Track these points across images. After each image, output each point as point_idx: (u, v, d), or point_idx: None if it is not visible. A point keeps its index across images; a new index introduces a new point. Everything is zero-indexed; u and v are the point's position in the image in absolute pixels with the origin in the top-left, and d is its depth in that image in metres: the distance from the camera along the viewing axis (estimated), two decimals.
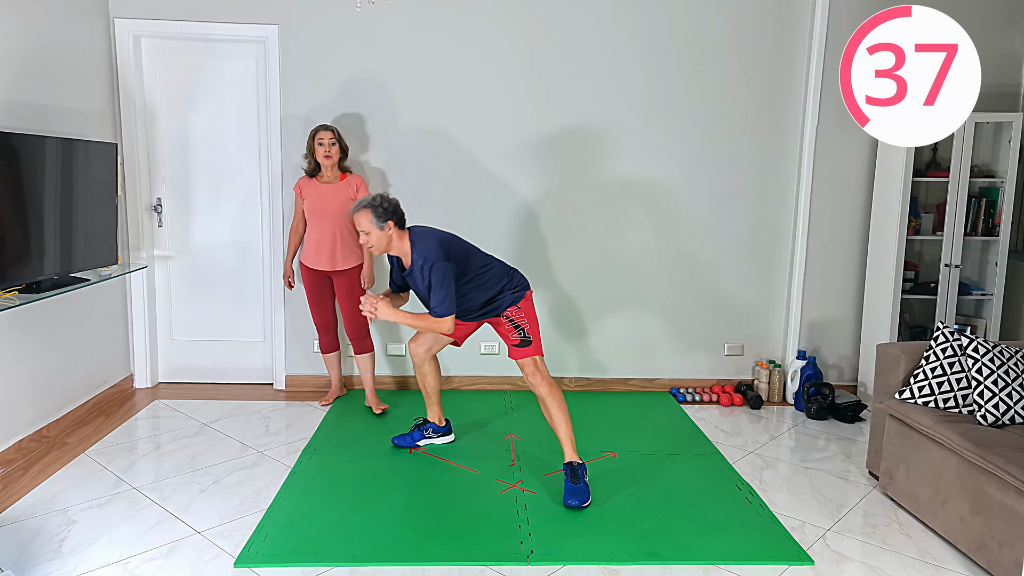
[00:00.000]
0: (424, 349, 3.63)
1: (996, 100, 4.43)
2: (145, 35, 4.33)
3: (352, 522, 2.98)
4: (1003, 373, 3.00)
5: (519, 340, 3.34)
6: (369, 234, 3.18)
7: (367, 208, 3.17)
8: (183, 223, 4.54)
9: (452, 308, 3.16)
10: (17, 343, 3.52)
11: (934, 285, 4.40)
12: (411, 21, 4.32)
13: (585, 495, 3.15)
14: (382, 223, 3.17)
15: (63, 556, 2.70)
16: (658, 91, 4.45)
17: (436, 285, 3.14)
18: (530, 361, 3.32)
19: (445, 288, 3.14)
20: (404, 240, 3.25)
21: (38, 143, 3.31)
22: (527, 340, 3.33)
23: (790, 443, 3.99)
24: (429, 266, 3.16)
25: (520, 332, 3.34)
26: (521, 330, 3.34)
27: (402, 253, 3.27)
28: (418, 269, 3.21)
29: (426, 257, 3.18)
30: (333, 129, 4.05)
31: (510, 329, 3.35)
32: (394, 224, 3.19)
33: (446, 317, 3.16)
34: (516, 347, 3.35)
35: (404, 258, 3.28)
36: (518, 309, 3.36)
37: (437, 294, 3.14)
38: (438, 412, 3.78)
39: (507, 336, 3.37)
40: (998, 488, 2.64)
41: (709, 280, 4.65)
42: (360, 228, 3.19)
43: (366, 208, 3.17)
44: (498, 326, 3.41)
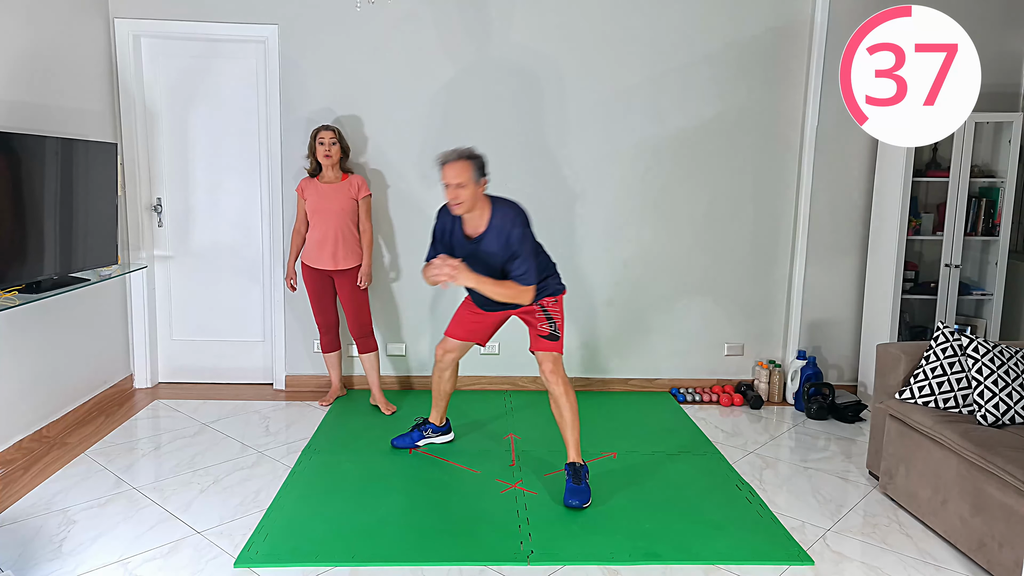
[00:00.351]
0: (453, 356, 3.53)
1: (996, 100, 4.43)
2: (145, 35, 4.33)
3: (352, 522, 2.98)
4: (1003, 373, 3.00)
5: (548, 332, 3.24)
6: (463, 187, 2.94)
7: (467, 160, 2.95)
8: (183, 223, 4.54)
9: (536, 277, 3.02)
10: (17, 343, 3.52)
11: (934, 285, 4.40)
12: (411, 21, 4.32)
13: (586, 496, 3.14)
14: (479, 177, 2.98)
15: (63, 556, 2.70)
16: (658, 91, 4.44)
17: (525, 253, 2.98)
18: (552, 356, 3.23)
19: (530, 256, 2.99)
20: (486, 202, 3.04)
21: (38, 143, 3.31)
22: (555, 334, 3.24)
23: (790, 443, 3.99)
24: (520, 231, 2.99)
25: (551, 324, 3.24)
26: (552, 322, 3.24)
27: (479, 215, 3.05)
28: (502, 234, 3.00)
29: (515, 220, 3.01)
30: (334, 129, 4.05)
31: (542, 319, 3.24)
32: (486, 182, 3.00)
33: (531, 286, 3.01)
34: (542, 339, 3.24)
35: (477, 222, 3.05)
36: (555, 301, 3.26)
37: (525, 261, 2.98)
38: (442, 414, 3.73)
39: (536, 326, 3.26)
40: (998, 488, 2.64)
41: (709, 280, 4.65)
42: (454, 180, 2.94)
43: (465, 160, 2.95)
44: (529, 315, 3.29)
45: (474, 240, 3.09)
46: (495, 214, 3.05)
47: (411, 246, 4.52)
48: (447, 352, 3.53)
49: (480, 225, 3.07)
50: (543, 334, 3.25)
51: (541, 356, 3.25)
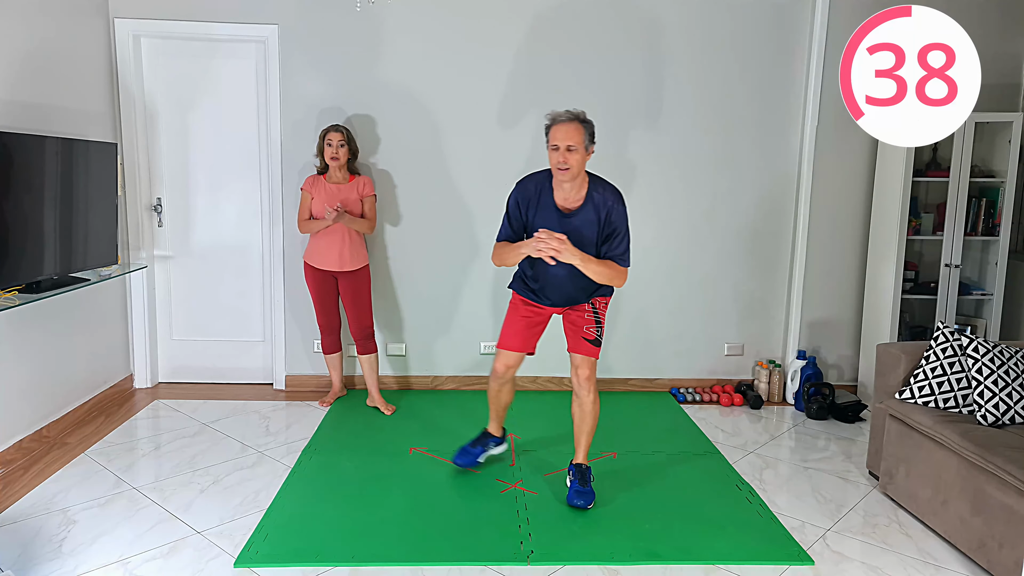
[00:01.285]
0: (513, 370, 3.27)
1: (996, 100, 4.43)
2: (145, 35, 4.32)
3: (352, 522, 2.97)
4: (1003, 373, 3.00)
5: (594, 336, 3.07)
6: (575, 151, 2.76)
7: (580, 122, 2.78)
8: (183, 223, 4.54)
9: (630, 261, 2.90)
10: (17, 343, 3.52)
11: (934, 285, 4.40)
12: (411, 20, 4.32)
13: (591, 497, 3.13)
14: (591, 143, 2.81)
15: (63, 556, 2.70)
16: (658, 90, 4.45)
17: (624, 231, 2.83)
18: (590, 362, 3.08)
19: (629, 235, 2.85)
20: (584, 175, 2.87)
21: (38, 143, 3.31)
22: (599, 339, 3.09)
23: (790, 443, 3.98)
24: (622, 209, 2.82)
25: (598, 328, 3.08)
26: (600, 326, 3.08)
27: (575, 188, 2.87)
28: (601, 210, 2.84)
29: (616, 197, 2.85)
30: (343, 131, 4.03)
31: (590, 321, 3.06)
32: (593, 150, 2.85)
33: (626, 269, 2.88)
34: (587, 342, 3.06)
35: (572, 195, 2.87)
36: (606, 303, 3.11)
37: (624, 241, 2.84)
38: (500, 424, 3.51)
39: (582, 328, 3.07)
40: (998, 488, 2.64)
41: (709, 280, 4.65)
42: (567, 142, 2.74)
43: (579, 122, 2.78)
44: (577, 316, 3.09)
45: (569, 214, 2.88)
46: (594, 187, 2.88)
47: (413, 246, 4.52)
48: (509, 368, 3.25)
49: (577, 199, 2.88)
50: (588, 337, 3.07)
51: (580, 360, 3.09)
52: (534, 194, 2.96)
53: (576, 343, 3.10)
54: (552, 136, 2.82)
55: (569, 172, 2.79)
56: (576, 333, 3.10)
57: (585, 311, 3.10)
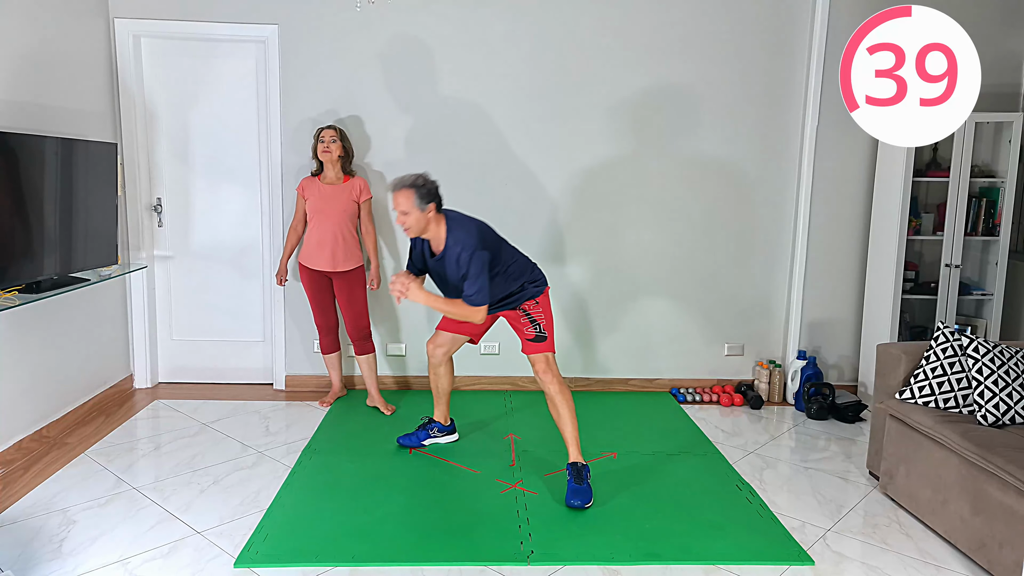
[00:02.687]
0: (443, 351, 3.58)
1: (996, 100, 4.43)
2: (145, 35, 4.32)
3: (352, 522, 2.97)
4: (1003, 373, 3.00)
5: (534, 335, 3.30)
6: (408, 215, 3.06)
7: (410, 188, 3.05)
8: (183, 223, 4.54)
9: (488, 297, 3.08)
10: (17, 343, 3.52)
11: (934, 285, 4.39)
12: (412, 21, 4.32)
13: (588, 496, 3.14)
14: (424, 204, 3.06)
15: (63, 556, 2.70)
16: (658, 91, 4.44)
17: (474, 274, 3.05)
18: (542, 357, 3.29)
19: (483, 277, 3.06)
20: (441, 224, 3.14)
21: (38, 143, 3.31)
22: (542, 336, 3.30)
23: (790, 443, 3.98)
24: (469, 253, 3.06)
25: (536, 327, 3.30)
26: (537, 325, 3.30)
27: (436, 237, 3.16)
28: (453, 255, 3.11)
29: (464, 244, 3.09)
30: (336, 128, 4.06)
31: (526, 323, 3.31)
32: (435, 207, 3.09)
33: (482, 306, 3.08)
34: (530, 342, 3.31)
35: (436, 242, 3.18)
36: (536, 303, 3.32)
37: (474, 283, 3.06)
38: (445, 412, 3.76)
39: (522, 330, 3.33)
40: (998, 488, 2.64)
41: (709, 280, 4.65)
42: (399, 208, 3.07)
43: (408, 188, 3.05)
44: (514, 320, 3.36)
45: (438, 257, 3.21)
46: (450, 235, 3.14)
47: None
48: (437, 347, 3.57)
49: (439, 244, 3.18)
50: (529, 337, 3.31)
51: (532, 358, 3.32)
52: (420, 239, 3.29)
53: (524, 344, 3.35)
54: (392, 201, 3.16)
55: (410, 230, 3.12)
56: (520, 336, 3.36)
57: (520, 318, 3.33)
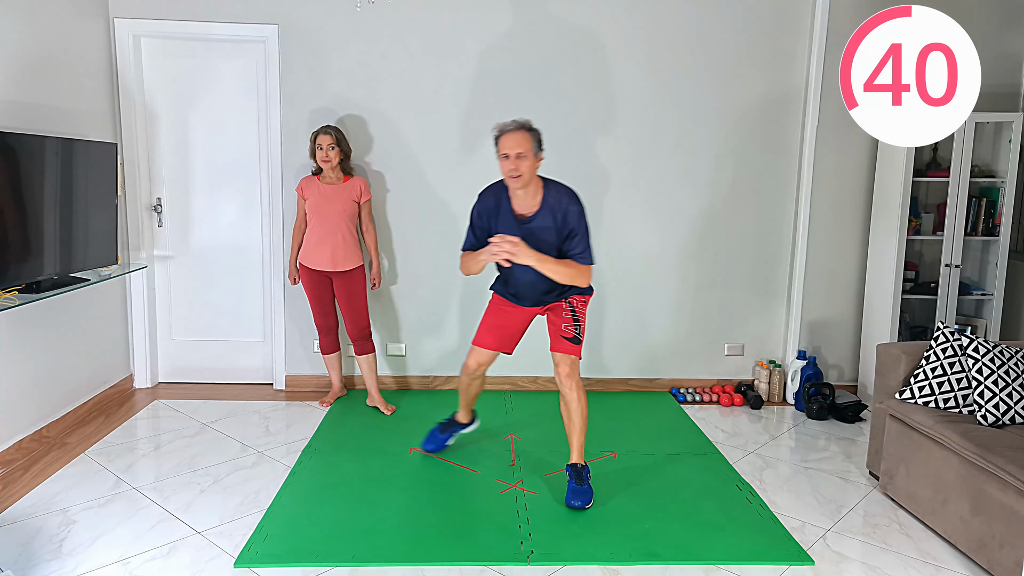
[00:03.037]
0: (485, 367, 3.37)
1: (996, 100, 4.43)
2: (145, 35, 4.32)
3: (352, 522, 2.97)
4: (1003, 373, 3.00)
5: (572, 334, 3.12)
6: (524, 159, 2.86)
7: (528, 130, 2.88)
8: (183, 223, 4.54)
9: (593, 259, 2.94)
10: (17, 343, 3.52)
11: (934, 285, 4.40)
12: (411, 21, 4.32)
13: (588, 496, 3.14)
14: (539, 149, 2.91)
15: (63, 556, 2.70)
16: (658, 91, 4.44)
17: (583, 231, 2.90)
18: (571, 360, 3.13)
19: (588, 235, 2.92)
20: (539, 181, 2.97)
21: (38, 143, 3.31)
22: (578, 337, 3.13)
23: (790, 443, 3.98)
24: (577, 208, 2.90)
25: (576, 326, 3.13)
26: (578, 324, 3.13)
27: (530, 195, 2.97)
28: (558, 212, 2.91)
29: (571, 198, 2.93)
30: (333, 132, 4.03)
31: (568, 319, 3.12)
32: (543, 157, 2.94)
33: (590, 267, 2.93)
34: (565, 340, 3.12)
35: (528, 202, 2.96)
36: (583, 302, 3.17)
37: (582, 240, 2.91)
38: (467, 414, 3.65)
39: (560, 326, 3.14)
40: (998, 488, 2.64)
41: (709, 280, 4.65)
42: (515, 150, 2.85)
43: (526, 130, 2.88)
44: (555, 313, 3.17)
45: (526, 220, 2.98)
46: (548, 192, 2.97)
47: (411, 247, 4.52)
48: (481, 365, 3.36)
49: (533, 204, 2.97)
50: (567, 335, 3.13)
51: (560, 358, 3.15)
52: (493, 204, 3.07)
53: (556, 342, 3.16)
54: (501, 145, 2.92)
55: (520, 179, 2.89)
56: (556, 332, 3.17)
57: (563, 309, 3.16)
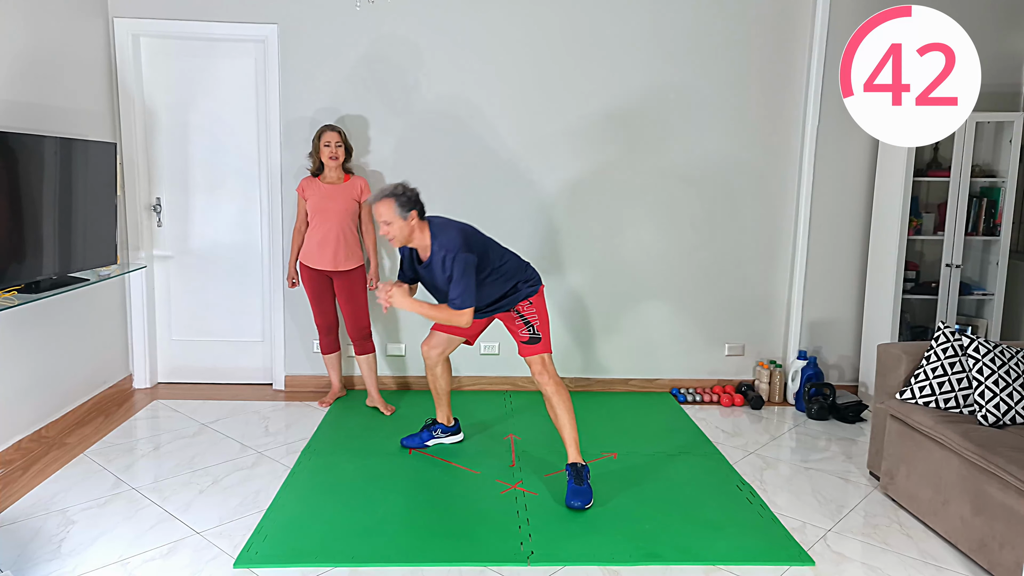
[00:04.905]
0: (438, 352, 3.57)
1: (996, 100, 4.43)
2: (145, 35, 4.32)
3: (352, 522, 2.97)
4: (1004, 373, 3.00)
5: (528, 337, 3.28)
6: (391, 224, 3.08)
7: (389, 198, 3.07)
8: (182, 223, 4.54)
9: (472, 300, 3.08)
10: (16, 343, 3.52)
11: (935, 285, 4.39)
12: (411, 20, 4.32)
13: (588, 496, 3.14)
14: (405, 213, 3.07)
15: (62, 556, 2.70)
16: (658, 91, 4.44)
17: (457, 276, 3.05)
18: (538, 359, 3.27)
19: (466, 279, 3.05)
20: (425, 231, 3.15)
21: (37, 143, 3.31)
22: (536, 337, 3.28)
23: (791, 443, 3.98)
24: (452, 256, 3.06)
25: (530, 328, 3.28)
26: (531, 326, 3.28)
27: (421, 244, 3.17)
28: (439, 260, 3.12)
29: (448, 247, 3.09)
30: (339, 130, 4.05)
31: (520, 325, 3.29)
32: (416, 214, 3.10)
33: (466, 309, 3.07)
34: (525, 344, 3.29)
35: (422, 250, 3.19)
36: (530, 304, 3.30)
37: (458, 285, 3.05)
38: (447, 412, 3.75)
39: (516, 332, 3.32)
40: (999, 488, 2.64)
41: (709, 280, 4.64)
42: (381, 219, 3.09)
43: (388, 198, 3.07)
44: (508, 321, 3.35)
45: (424, 264, 3.22)
46: (435, 241, 3.14)
47: None
48: (432, 348, 3.57)
49: (425, 251, 3.19)
50: (524, 339, 3.29)
51: (528, 360, 3.30)
52: (408, 249, 3.31)
53: (519, 348, 3.33)
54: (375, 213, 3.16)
55: (395, 240, 3.13)
56: (515, 338, 3.35)
57: (514, 318, 3.32)
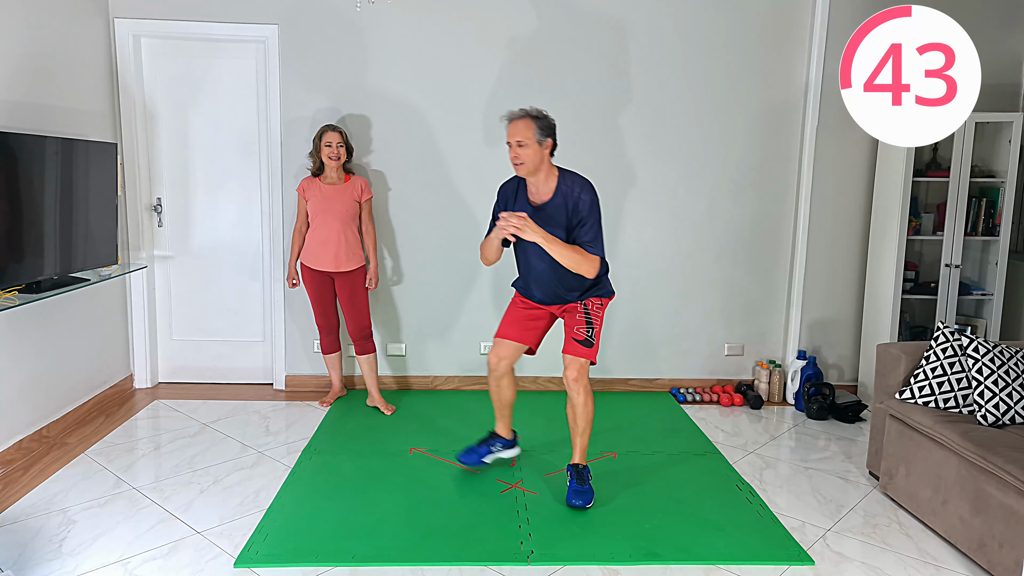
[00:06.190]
0: (508, 362, 3.29)
1: (996, 100, 4.43)
2: (145, 35, 4.32)
3: (352, 522, 2.97)
4: (1003, 373, 3.00)
5: (583, 337, 3.08)
6: (525, 146, 2.90)
7: (530, 118, 2.92)
8: (183, 223, 4.54)
9: (602, 251, 2.94)
10: (17, 343, 3.52)
11: (934, 285, 4.39)
12: (411, 20, 4.32)
13: (589, 496, 3.13)
14: (543, 138, 2.93)
15: (63, 556, 2.70)
16: (658, 91, 4.44)
17: (592, 221, 2.89)
18: (579, 363, 3.09)
19: (600, 226, 2.91)
20: (553, 170, 2.99)
21: (38, 143, 3.31)
22: (590, 340, 3.09)
23: (790, 443, 3.98)
24: (588, 199, 2.90)
25: (589, 328, 3.09)
26: (591, 327, 3.10)
27: (544, 183, 2.99)
28: (570, 200, 2.92)
29: (583, 187, 2.94)
30: (341, 131, 4.04)
31: (581, 321, 3.09)
32: (552, 144, 2.96)
33: (598, 257, 2.92)
34: (576, 342, 3.09)
35: (542, 189, 2.99)
36: (600, 304, 3.15)
37: (592, 230, 2.89)
38: (508, 425, 3.49)
39: (573, 328, 3.11)
40: (998, 488, 2.64)
41: (709, 280, 4.64)
42: (516, 138, 2.91)
43: (528, 118, 2.93)
44: (570, 315, 3.15)
45: (539, 208, 3.01)
46: (562, 180, 2.99)
47: (411, 247, 4.52)
48: (501, 359, 3.29)
49: (546, 192, 3.00)
50: (578, 338, 3.09)
51: (568, 360, 3.11)
52: (512, 193, 3.14)
53: (567, 343, 3.13)
54: (507, 134, 2.99)
55: (524, 167, 2.94)
56: (568, 333, 3.14)
57: (578, 311, 3.14)
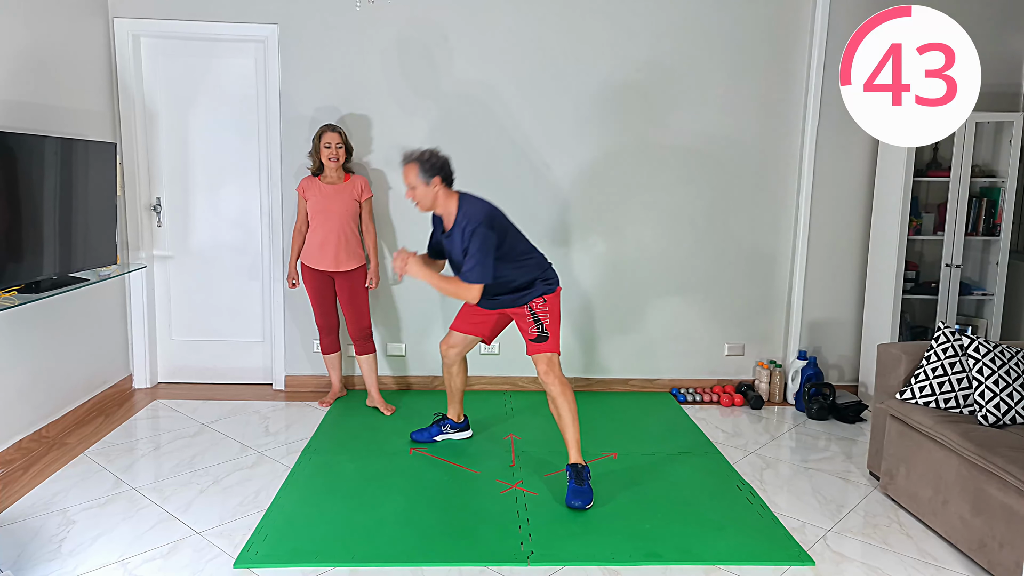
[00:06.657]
0: (456, 351, 3.60)
1: (996, 100, 4.43)
2: (145, 35, 4.32)
3: (352, 522, 2.97)
4: (1004, 373, 3.00)
5: (536, 335, 3.27)
6: (415, 189, 3.14)
7: (414, 162, 3.13)
8: (182, 223, 4.54)
9: (485, 277, 3.08)
10: (17, 343, 3.52)
11: (935, 285, 4.39)
12: (411, 19, 4.32)
13: (588, 496, 3.14)
14: (428, 178, 3.12)
15: (63, 556, 2.70)
16: (658, 91, 4.44)
17: (473, 250, 3.06)
18: (544, 358, 3.26)
19: (481, 255, 3.06)
20: (451, 200, 3.19)
21: (37, 143, 3.31)
22: (544, 335, 3.28)
23: (791, 443, 3.98)
24: (472, 228, 3.08)
25: (539, 326, 3.27)
26: (540, 324, 3.27)
27: (446, 213, 3.20)
28: (459, 231, 3.14)
29: (470, 219, 3.11)
30: (340, 131, 4.04)
31: (530, 322, 3.28)
32: (440, 181, 3.14)
33: (475, 285, 3.08)
34: (532, 342, 3.28)
35: (447, 219, 3.21)
36: (544, 302, 3.30)
37: (472, 259, 3.06)
38: (459, 410, 3.81)
39: (525, 330, 3.31)
40: (999, 488, 2.64)
41: (709, 280, 4.64)
42: (406, 182, 3.16)
43: (413, 162, 3.13)
44: (519, 319, 3.34)
45: (447, 234, 3.25)
46: (460, 210, 3.17)
47: (411, 246, 4.51)
48: (450, 347, 3.60)
49: (449, 221, 3.21)
50: (531, 337, 3.29)
51: (535, 358, 3.29)
52: (438, 218, 3.35)
53: (527, 346, 3.33)
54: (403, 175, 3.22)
55: (420, 205, 3.19)
56: (524, 337, 3.35)
57: (525, 315, 3.31)
